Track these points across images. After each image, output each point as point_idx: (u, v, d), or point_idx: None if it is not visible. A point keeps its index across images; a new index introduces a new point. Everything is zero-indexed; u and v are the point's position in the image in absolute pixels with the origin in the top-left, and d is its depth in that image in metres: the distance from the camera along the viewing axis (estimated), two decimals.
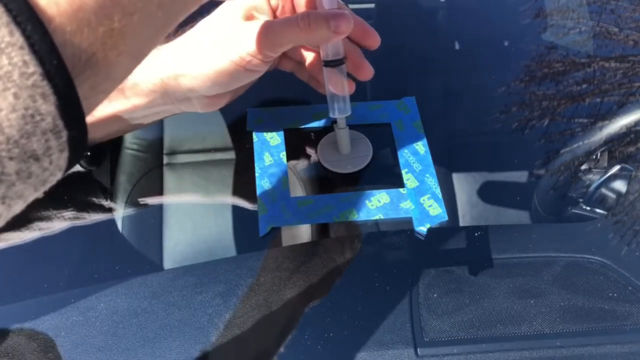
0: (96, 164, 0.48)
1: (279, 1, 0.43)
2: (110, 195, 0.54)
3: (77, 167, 0.47)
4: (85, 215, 0.51)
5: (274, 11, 0.44)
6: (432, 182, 0.48)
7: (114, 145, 0.57)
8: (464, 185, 0.60)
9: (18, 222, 0.49)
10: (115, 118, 0.45)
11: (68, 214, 0.51)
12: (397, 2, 0.87)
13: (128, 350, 0.41)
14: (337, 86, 0.45)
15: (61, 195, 0.51)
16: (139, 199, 0.55)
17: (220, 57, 0.39)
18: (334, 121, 0.50)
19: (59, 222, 0.51)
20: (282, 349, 0.40)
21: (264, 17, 0.43)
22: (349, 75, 0.46)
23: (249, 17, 0.42)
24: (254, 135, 0.52)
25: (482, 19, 0.78)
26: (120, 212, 0.53)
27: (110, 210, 0.53)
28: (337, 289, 0.44)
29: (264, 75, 0.46)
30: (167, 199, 0.57)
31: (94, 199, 0.52)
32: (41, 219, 0.50)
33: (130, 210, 0.54)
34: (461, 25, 0.80)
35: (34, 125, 0.19)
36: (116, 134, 0.49)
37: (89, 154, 0.45)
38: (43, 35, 0.19)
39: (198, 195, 0.57)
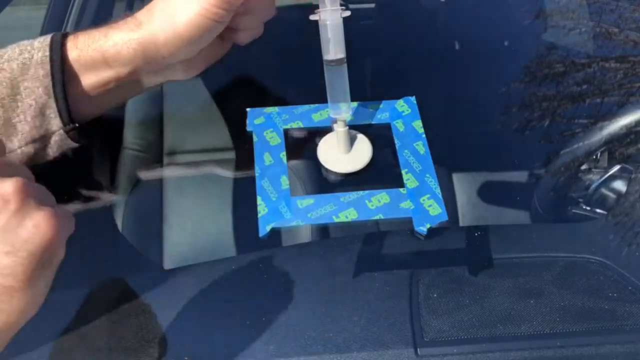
0: (87, 138, 0.48)
1: None
2: (110, 195, 0.54)
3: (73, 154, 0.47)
4: (85, 215, 0.51)
5: None
6: (432, 182, 0.48)
7: (114, 145, 0.57)
8: (464, 185, 0.60)
9: None
10: (103, 90, 0.45)
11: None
12: (397, 2, 0.87)
13: (128, 350, 0.41)
14: (337, 86, 0.45)
15: (61, 195, 0.51)
16: (139, 199, 0.55)
17: (187, 12, 0.41)
18: (334, 121, 0.50)
19: None
20: (282, 349, 0.40)
21: None
22: None
23: None
24: (254, 135, 0.52)
25: (482, 19, 0.78)
26: (120, 212, 0.53)
27: (110, 210, 0.53)
28: (338, 288, 0.44)
29: (264, 75, 0.46)
30: (167, 200, 0.57)
31: (94, 199, 0.52)
32: None
33: (130, 210, 0.54)
34: (461, 25, 0.80)
35: None
36: (109, 105, 0.49)
37: (77, 125, 0.45)
38: None
39: (198, 195, 0.57)
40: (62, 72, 0.42)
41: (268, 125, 0.53)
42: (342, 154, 0.51)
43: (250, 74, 0.47)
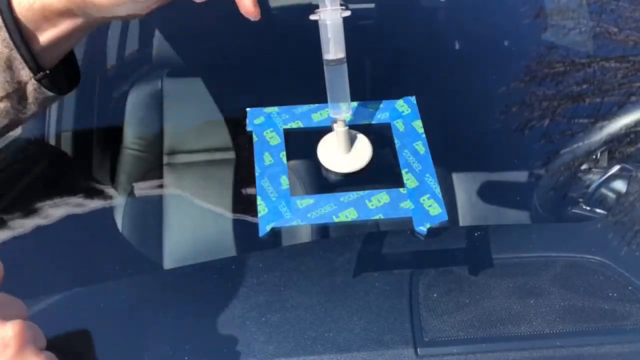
0: (69, 88, 0.47)
1: None
2: (111, 195, 0.54)
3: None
4: (85, 215, 0.51)
5: None
6: (432, 181, 0.48)
7: (114, 145, 0.57)
8: (464, 185, 0.60)
9: (16, 219, 0.49)
10: (59, 39, 0.43)
11: (68, 214, 0.51)
12: (397, 2, 0.87)
13: (128, 350, 0.41)
14: (337, 85, 0.45)
15: (61, 196, 0.51)
16: (139, 199, 0.55)
17: None
18: (334, 121, 0.50)
19: (58, 222, 0.51)
20: (282, 349, 0.40)
21: None
22: None
23: None
24: (254, 135, 0.52)
25: (482, 19, 0.78)
26: (120, 212, 0.53)
27: (110, 209, 0.53)
28: (337, 288, 0.44)
29: (264, 75, 0.46)
30: (167, 199, 0.57)
31: (94, 199, 0.52)
32: (40, 218, 0.50)
33: (130, 210, 0.54)
34: (461, 25, 0.80)
35: None
36: (74, 45, 0.47)
37: (47, 72, 0.44)
38: None
39: (198, 195, 0.57)
40: (15, 23, 0.40)
41: (268, 125, 0.53)
42: (342, 153, 0.51)
43: (250, 74, 0.47)
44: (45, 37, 0.43)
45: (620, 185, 0.54)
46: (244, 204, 0.53)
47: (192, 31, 0.64)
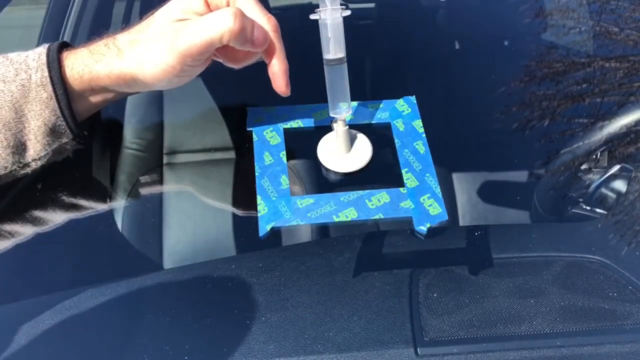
0: (94, 136, 0.48)
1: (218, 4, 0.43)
2: (110, 195, 0.54)
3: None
4: (85, 215, 0.51)
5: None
6: (432, 181, 0.48)
7: (114, 145, 0.57)
8: (464, 185, 0.60)
9: (15, 219, 0.49)
10: (99, 103, 0.46)
11: (68, 214, 0.51)
12: (397, 2, 0.87)
13: (127, 350, 0.41)
14: (337, 85, 0.45)
15: (61, 195, 0.51)
16: (139, 199, 0.55)
17: (154, 66, 0.41)
18: (334, 121, 0.50)
19: (58, 222, 0.51)
20: (281, 349, 0.40)
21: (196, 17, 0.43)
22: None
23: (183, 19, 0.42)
24: (254, 134, 0.52)
25: (482, 18, 0.78)
26: (120, 212, 0.53)
27: (110, 210, 0.53)
28: (337, 288, 0.44)
29: (264, 75, 0.46)
30: (167, 199, 0.57)
31: (94, 198, 0.52)
32: (40, 218, 0.50)
33: (130, 210, 0.54)
34: (461, 25, 0.80)
35: None
36: (109, 103, 0.48)
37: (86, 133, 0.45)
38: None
39: (198, 195, 0.57)
40: (65, 91, 0.42)
41: (268, 124, 0.53)
42: (342, 153, 0.51)
43: (250, 73, 0.47)
44: (87, 103, 0.45)
45: (620, 185, 0.54)
46: (243, 203, 0.53)
47: None
